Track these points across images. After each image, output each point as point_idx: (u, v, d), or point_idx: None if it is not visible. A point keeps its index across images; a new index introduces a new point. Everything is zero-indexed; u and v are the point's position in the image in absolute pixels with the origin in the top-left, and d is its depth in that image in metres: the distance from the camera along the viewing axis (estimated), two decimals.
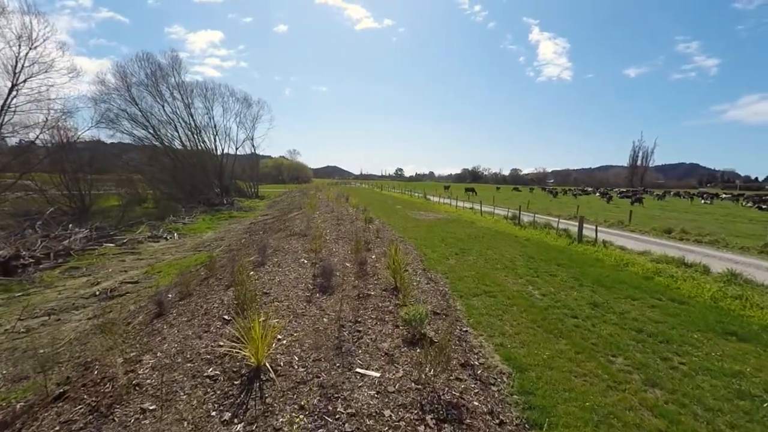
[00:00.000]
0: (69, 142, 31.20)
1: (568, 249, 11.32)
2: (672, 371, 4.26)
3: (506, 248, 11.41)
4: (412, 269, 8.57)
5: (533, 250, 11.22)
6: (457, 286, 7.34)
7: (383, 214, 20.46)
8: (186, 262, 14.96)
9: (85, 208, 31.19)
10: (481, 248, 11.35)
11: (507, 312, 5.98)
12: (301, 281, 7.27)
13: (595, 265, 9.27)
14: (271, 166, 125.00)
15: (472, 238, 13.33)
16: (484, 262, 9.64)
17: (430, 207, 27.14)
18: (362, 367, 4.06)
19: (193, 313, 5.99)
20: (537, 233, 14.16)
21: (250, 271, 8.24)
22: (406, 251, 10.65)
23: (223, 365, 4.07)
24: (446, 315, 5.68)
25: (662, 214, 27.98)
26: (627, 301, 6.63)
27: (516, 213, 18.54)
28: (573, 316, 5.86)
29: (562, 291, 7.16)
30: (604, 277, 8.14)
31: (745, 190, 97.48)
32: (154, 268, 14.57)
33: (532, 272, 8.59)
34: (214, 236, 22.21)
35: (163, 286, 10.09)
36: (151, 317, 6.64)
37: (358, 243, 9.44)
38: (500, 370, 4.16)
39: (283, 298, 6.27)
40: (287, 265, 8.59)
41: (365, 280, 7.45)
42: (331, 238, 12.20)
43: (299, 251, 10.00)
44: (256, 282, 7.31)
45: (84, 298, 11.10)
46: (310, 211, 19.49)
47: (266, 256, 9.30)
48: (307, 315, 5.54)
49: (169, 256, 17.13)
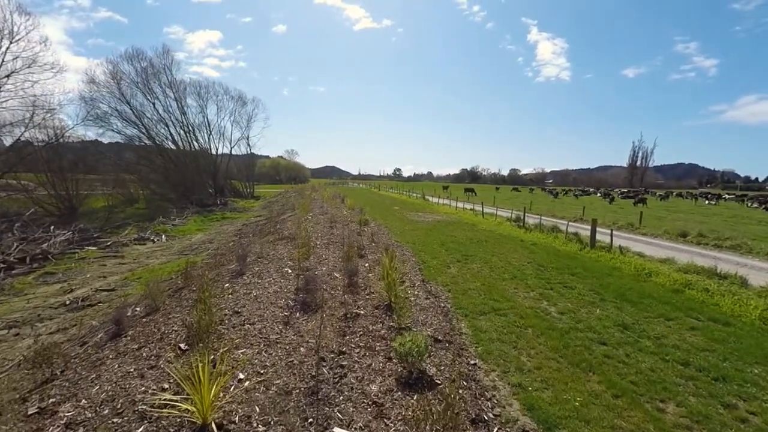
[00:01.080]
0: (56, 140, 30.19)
1: (580, 255, 10.37)
2: (743, 427, 3.30)
3: (512, 254, 10.45)
4: (409, 280, 7.61)
5: (542, 256, 10.27)
6: (461, 302, 6.37)
7: (380, 216, 19.49)
8: (169, 267, 13.99)
9: (73, 209, 30.12)
10: (485, 254, 10.39)
11: (521, 336, 5.01)
12: (281, 296, 6.29)
13: (614, 275, 8.31)
14: (269, 166, 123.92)
15: (475, 242, 12.37)
16: (489, 270, 8.67)
17: (428, 208, 26.18)
18: (342, 424, 3.09)
19: (148, 338, 5.01)
20: (544, 237, 13.21)
21: (225, 283, 7.26)
22: (402, 258, 9.68)
23: (159, 423, 3.09)
24: (450, 342, 4.70)
25: (668, 215, 27.10)
26: (660, 321, 5.67)
27: (519, 215, 17.59)
28: (601, 341, 4.90)
29: (582, 308, 6.20)
30: (627, 289, 7.18)
31: (745, 191, 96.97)
32: (135, 274, 13.60)
33: (544, 283, 7.63)
34: (204, 238, 21.22)
35: (134, 296, 9.09)
36: (108, 337, 5.68)
37: (349, 250, 8.47)
38: (523, 429, 3.19)
39: (256, 318, 5.29)
40: (268, 275, 7.60)
41: (355, 295, 6.48)
42: (322, 243, 11.22)
43: (284, 258, 9.02)
44: (229, 297, 6.33)
45: (53, 308, 10.12)
46: (303, 213, 18.50)
47: (246, 264, 8.32)
48: (281, 342, 4.56)
49: (154, 260, 16.14)
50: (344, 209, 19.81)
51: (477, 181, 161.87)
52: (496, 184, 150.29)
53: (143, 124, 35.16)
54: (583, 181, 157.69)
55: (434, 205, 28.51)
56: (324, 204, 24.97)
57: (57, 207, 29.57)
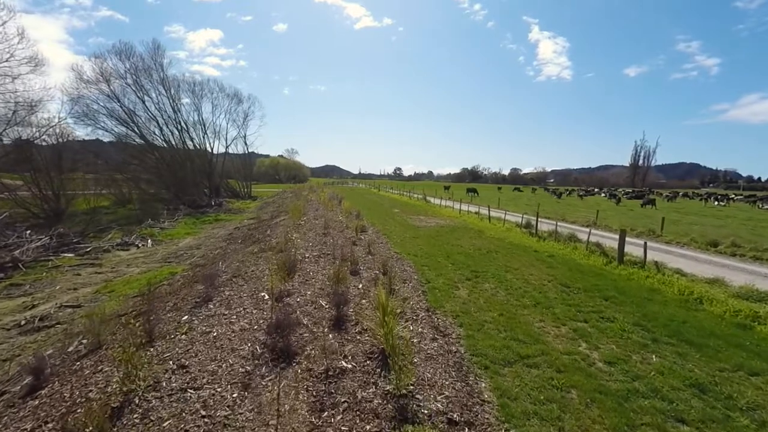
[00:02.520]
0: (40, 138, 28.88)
1: (607, 272, 9.00)
2: None
3: (529, 270, 9.09)
4: (411, 310, 6.24)
5: (563, 272, 8.90)
6: (478, 343, 5.01)
7: (379, 221, 18.12)
8: (147, 277, 12.73)
9: (59, 210, 28.80)
10: (498, 270, 9.02)
11: (566, 407, 3.65)
12: (247, 337, 4.93)
13: (655, 300, 6.95)
14: (268, 165, 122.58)
15: (484, 253, 11.00)
16: (505, 293, 7.31)
17: (430, 211, 24.80)
18: None
19: (53, 407, 3.66)
20: (560, 247, 11.83)
21: (184, 315, 5.90)
22: (403, 276, 8.32)
23: None
24: (470, 424, 3.33)
25: (682, 218, 25.72)
26: (743, 377, 4.30)
27: (530, 219, 16.21)
28: (678, 418, 3.53)
29: (633, 353, 4.84)
30: (680, 323, 5.82)
31: (748, 191, 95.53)
32: (109, 286, 12.31)
33: (574, 312, 6.27)
34: (192, 243, 19.90)
35: (81, 323, 7.71)
36: (24, 392, 4.36)
37: (340, 268, 7.10)
38: None
39: (206, 378, 3.93)
40: (239, 303, 6.25)
41: (343, 333, 5.12)
42: (311, 256, 9.85)
43: (264, 278, 7.65)
44: (182, 339, 4.97)
45: (4, 330, 8.83)
46: (295, 217, 17.13)
47: (216, 288, 6.96)
48: (230, 426, 3.20)
49: (134, 268, 14.83)
50: (340, 214, 18.44)
51: (478, 181, 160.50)
52: (497, 183, 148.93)
53: (133, 122, 33.76)
54: (584, 180, 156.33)
55: (436, 208, 27.13)
56: (320, 207, 23.61)
57: (42, 209, 28.28)
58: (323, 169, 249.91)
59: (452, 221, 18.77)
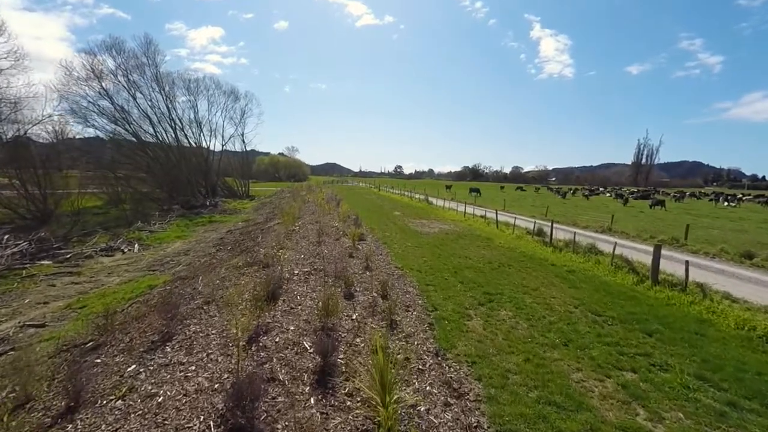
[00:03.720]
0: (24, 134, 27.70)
1: (641, 295, 7.78)
2: None
3: (549, 291, 7.90)
4: (415, 352, 5.06)
5: (590, 294, 7.71)
6: (504, 410, 3.82)
7: (378, 226, 16.92)
8: (126, 289, 11.64)
9: (47, 211, 27.65)
10: (514, 290, 7.83)
11: None
12: (201, 406, 3.74)
13: (709, 336, 5.75)
14: (268, 163, 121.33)
15: (495, 268, 9.81)
16: (527, 324, 6.12)
17: (433, 214, 23.58)
18: None
19: None
20: (581, 260, 10.63)
21: (131, 364, 4.72)
22: (405, 299, 7.13)
23: None
24: None
25: (696, 221, 24.52)
26: None
27: (541, 226, 15.00)
28: None
29: (710, 428, 3.65)
30: (754, 375, 4.62)
31: (753, 189, 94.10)
32: (82, 300, 11.16)
33: (616, 356, 5.07)
34: (181, 248, 18.74)
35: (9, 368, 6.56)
36: None
37: (329, 298, 5.90)
38: None
39: None
40: (204, 345, 5.06)
41: (328, 397, 3.93)
42: (301, 273, 8.66)
43: (241, 304, 6.47)
44: (116, 407, 3.78)
45: None
46: (289, 223, 15.94)
47: (183, 319, 5.77)
48: None
49: (115, 277, 13.66)
50: (337, 219, 17.22)
51: (479, 179, 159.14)
52: (498, 181, 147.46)
53: (125, 119, 32.51)
54: (586, 179, 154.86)
55: (439, 210, 25.91)
56: (316, 209, 22.42)
57: (27, 209, 27.15)
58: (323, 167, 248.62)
59: (457, 226, 17.56)
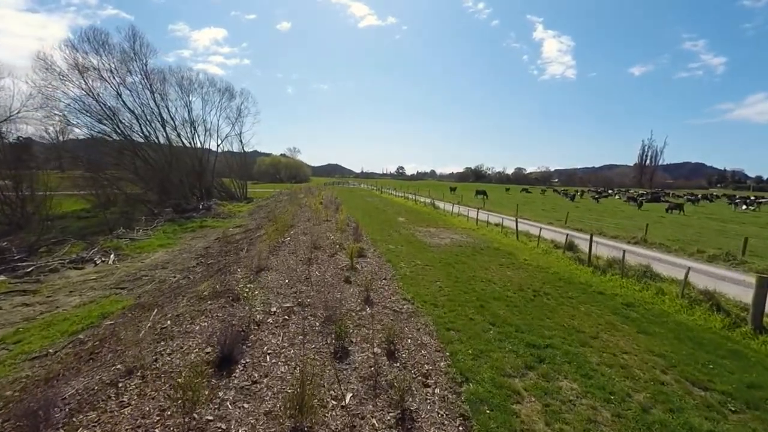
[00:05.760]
0: None
1: (746, 350, 5.65)
2: None
3: (615, 340, 5.79)
4: None
5: (672, 346, 5.60)
6: None
7: (381, 235, 14.83)
8: (81, 315, 9.73)
9: (26, 216, 25.65)
10: (567, 339, 5.72)
11: None
12: None
13: None
14: (268, 164, 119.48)
15: (531, 299, 7.69)
16: (609, 412, 4.01)
17: (440, 219, 21.44)
18: None
19: None
20: (637, 288, 8.46)
21: None
22: (421, 360, 5.03)
23: None
24: None
25: (724, 227, 22.40)
26: None
27: (573, 239, 12.84)
28: None
29: None
30: None
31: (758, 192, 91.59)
32: (21, 331, 9.17)
33: None
34: (161, 259, 16.65)
35: None
36: None
37: (306, 378, 3.81)
38: None
39: None
40: None
41: None
42: (280, 310, 6.55)
43: (184, 369, 4.39)
44: None
45: None
46: (278, 235, 13.84)
47: (86, 409, 3.69)
48: None
49: (76, 297, 11.62)
50: (335, 230, 15.09)
51: (482, 180, 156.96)
52: (501, 183, 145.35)
53: (108, 117, 30.50)
54: (589, 180, 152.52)
55: (446, 216, 23.76)
56: (312, 215, 20.31)
57: (2, 212, 25.20)
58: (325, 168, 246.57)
59: (470, 236, 15.43)
